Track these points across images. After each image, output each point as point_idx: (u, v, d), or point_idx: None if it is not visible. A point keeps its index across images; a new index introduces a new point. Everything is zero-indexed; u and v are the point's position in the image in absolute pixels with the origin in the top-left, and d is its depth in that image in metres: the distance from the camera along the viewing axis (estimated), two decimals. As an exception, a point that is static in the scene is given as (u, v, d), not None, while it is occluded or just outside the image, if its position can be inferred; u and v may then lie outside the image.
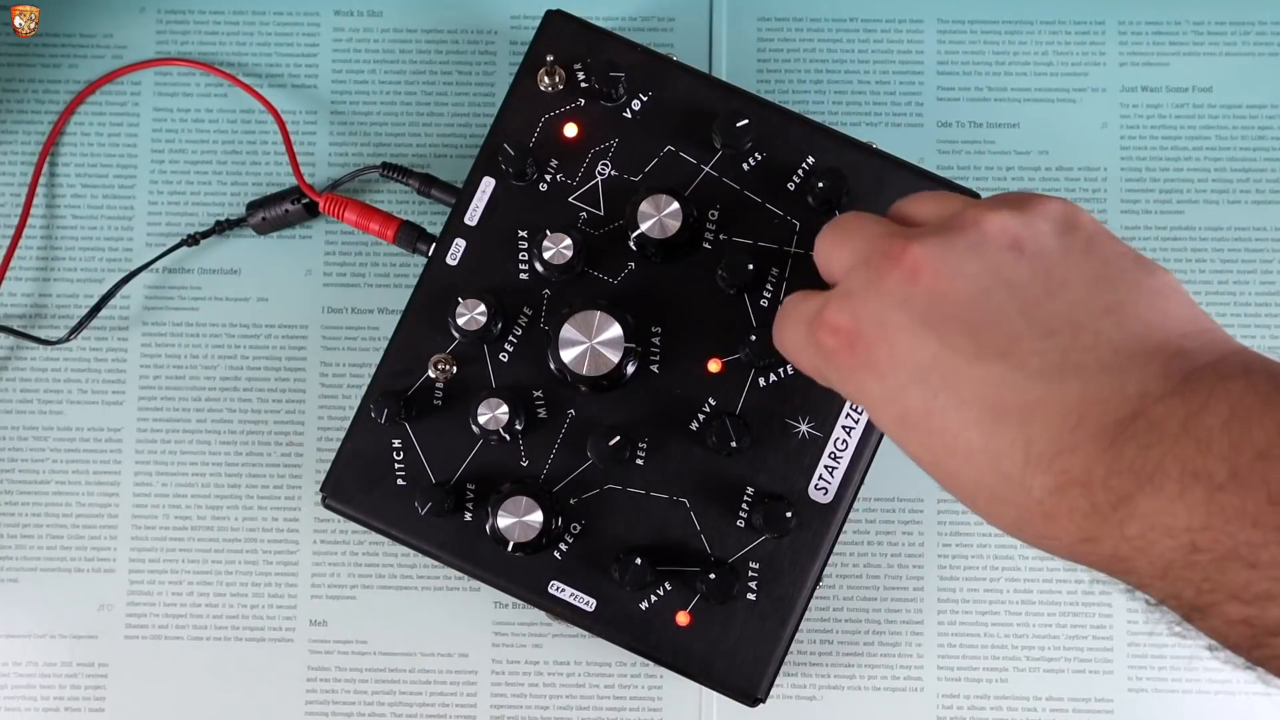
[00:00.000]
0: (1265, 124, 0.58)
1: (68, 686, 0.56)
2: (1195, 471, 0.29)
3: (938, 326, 0.34)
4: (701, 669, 0.49)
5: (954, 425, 0.34)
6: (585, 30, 0.51)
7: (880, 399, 0.36)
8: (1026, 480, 0.32)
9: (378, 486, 0.50)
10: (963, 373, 0.34)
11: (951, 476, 0.35)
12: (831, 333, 0.37)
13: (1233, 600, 0.29)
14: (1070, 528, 0.32)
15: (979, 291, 0.34)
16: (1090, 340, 0.33)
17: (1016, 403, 0.33)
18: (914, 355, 0.35)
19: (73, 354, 0.58)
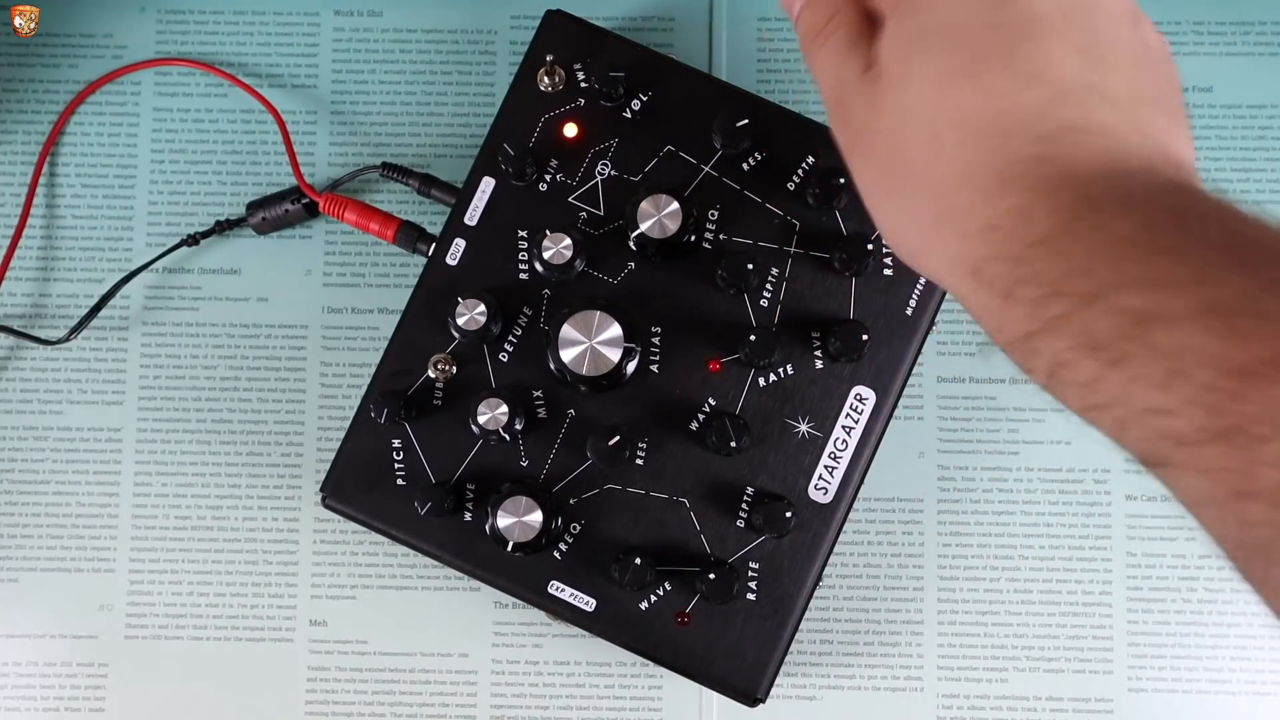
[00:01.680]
0: (1265, 124, 0.58)
1: (68, 686, 0.56)
2: (1172, 206, 0.31)
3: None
4: (701, 669, 0.49)
5: (995, 58, 0.34)
6: (585, 30, 0.51)
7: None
8: (1017, 138, 0.33)
9: (378, 486, 0.50)
10: (1041, 33, 0.34)
11: (943, 104, 0.34)
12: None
13: (1136, 287, 0.29)
14: (1014, 195, 0.32)
15: (1087, 6, 0.35)
16: (1146, 113, 0.35)
17: (1063, 82, 0.33)
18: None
19: (73, 354, 0.58)
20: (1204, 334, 0.28)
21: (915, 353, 0.50)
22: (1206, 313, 0.28)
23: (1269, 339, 0.27)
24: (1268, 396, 0.27)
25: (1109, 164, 0.32)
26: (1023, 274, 0.31)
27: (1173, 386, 0.28)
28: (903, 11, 0.35)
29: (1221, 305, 0.28)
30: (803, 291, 0.50)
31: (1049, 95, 0.33)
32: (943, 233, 0.34)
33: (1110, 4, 0.36)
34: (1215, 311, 0.28)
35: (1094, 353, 0.30)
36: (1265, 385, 0.27)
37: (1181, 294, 0.29)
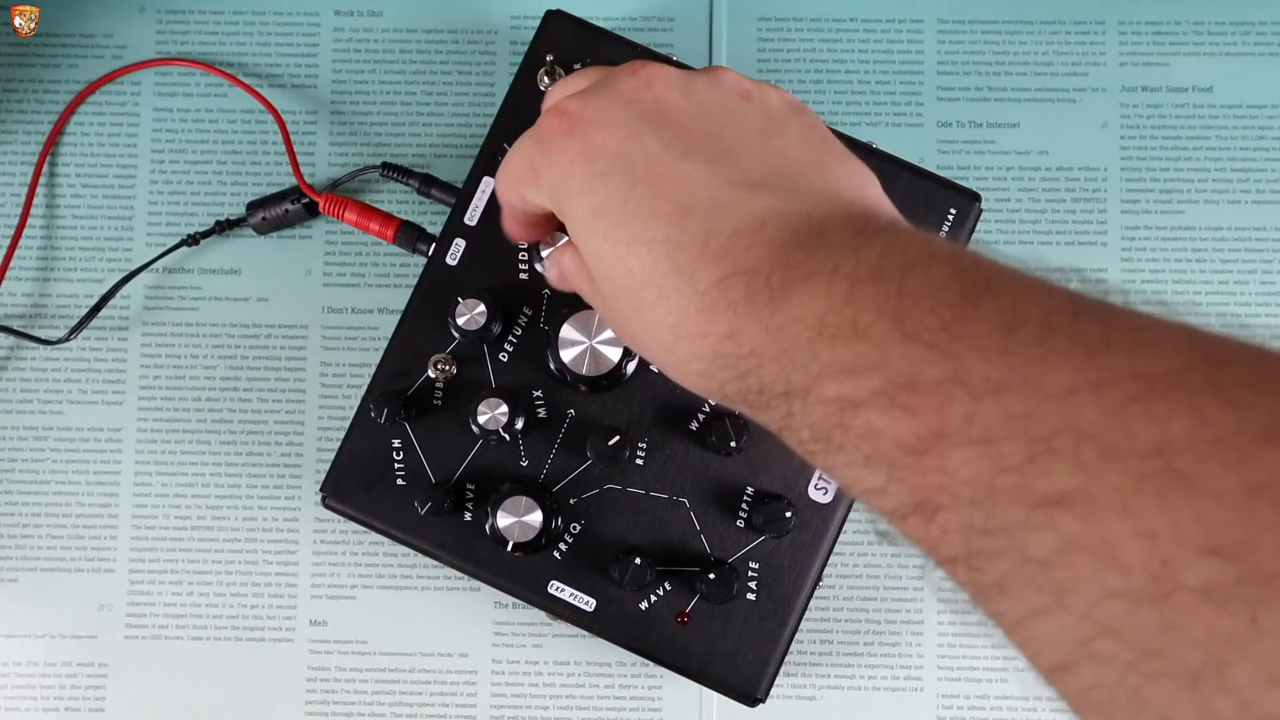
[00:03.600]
0: (1265, 124, 0.58)
1: (68, 686, 0.56)
2: (846, 273, 0.31)
3: (656, 125, 0.36)
4: (701, 669, 0.49)
5: (644, 215, 0.35)
6: (585, 30, 0.51)
7: (581, 186, 0.36)
8: (697, 272, 0.34)
9: (378, 486, 0.50)
10: (668, 167, 0.35)
11: (627, 273, 0.35)
12: (558, 115, 0.37)
13: (833, 376, 0.31)
14: (720, 322, 0.33)
15: (705, 110, 0.37)
16: (792, 174, 0.36)
17: (709, 200, 0.35)
18: (626, 146, 0.36)
19: (73, 354, 0.58)
20: (883, 415, 0.29)
21: None
22: (884, 393, 0.29)
23: (935, 410, 0.28)
24: (939, 469, 0.28)
25: (783, 247, 0.33)
26: (752, 384, 0.33)
27: (877, 467, 0.30)
28: (565, 219, 0.37)
29: (896, 381, 0.29)
30: (803, 291, 0.50)
31: (703, 217, 0.34)
32: (689, 380, 0.36)
33: (718, 95, 0.37)
34: (891, 390, 0.29)
35: (817, 441, 0.32)
36: (936, 458, 0.28)
37: (866, 375, 0.30)
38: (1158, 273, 0.57)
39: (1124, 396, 0.26)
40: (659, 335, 0.35)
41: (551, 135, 0.37)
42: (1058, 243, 0.58)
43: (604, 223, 0.36)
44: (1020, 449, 0.27)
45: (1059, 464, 0.26)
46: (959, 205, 0.50)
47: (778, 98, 0.38)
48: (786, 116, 0.38)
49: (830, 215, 0.34)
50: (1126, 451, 0.25)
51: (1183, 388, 0.25)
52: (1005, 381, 0.27)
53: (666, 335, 0.35)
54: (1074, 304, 0.29)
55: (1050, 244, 0.58)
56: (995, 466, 0.27)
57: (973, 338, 0.28)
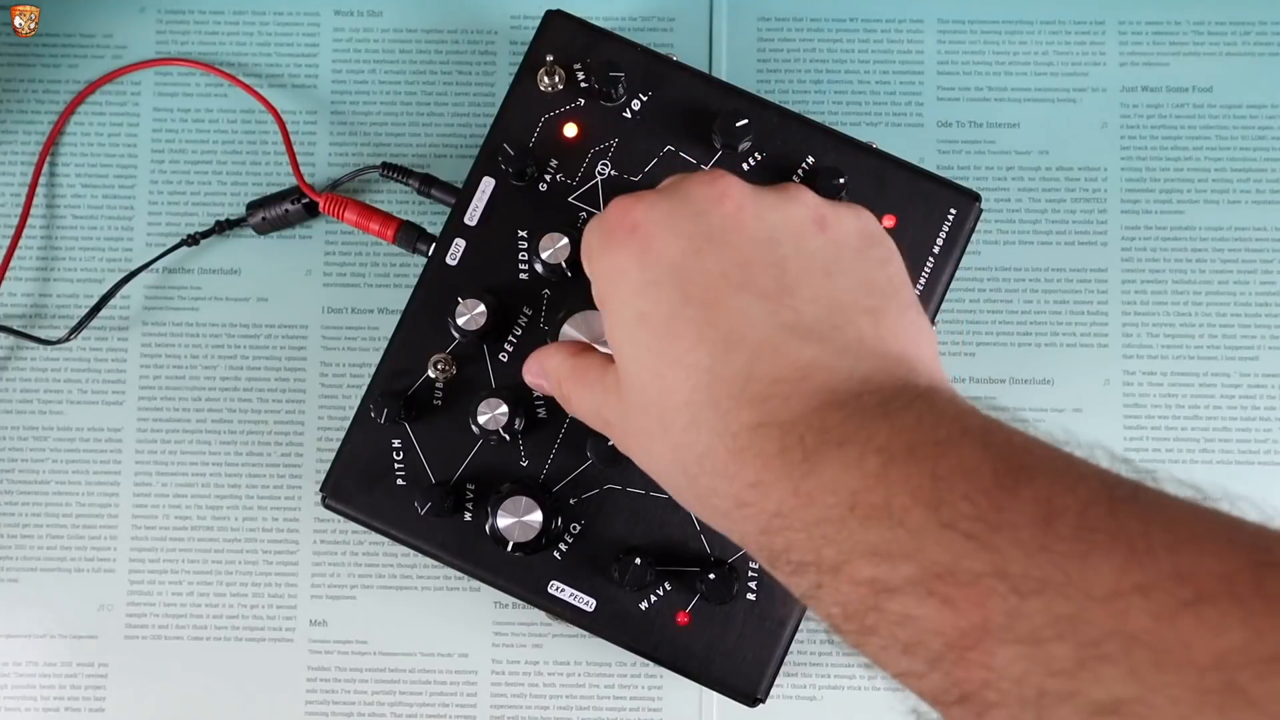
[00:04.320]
0: (1265, 124, 0.58)
1: (68, 686, 0.56)
2: (879, 446, 0.31)
3: (720, 247, 0.35)
4: (701, 669, 0.49)
5: (690, 337, 0.34)
6: (585, 30, 0.51)
7: (633, 289, 0.36)
8: (733, 411, 0.33)
9: (378, 486, 0.50)
10: (722, 294, 0.35)
11: (663, 391, 0.35)
12: (624, 210, 0.37)
13: (867, 557, 0.30)
14: (749, 469, 0.33)
15: (770, 238, 0.36)
16: (845, 322, 0.35)
17: (757, 339, 0.34)
18: (685, 261, 0.35)
19: (73, 354, 0.58)
20: (921, 604, 0.29)
21: None
22: (920, 582, 0.29)
23: (976, 605, 0.28)
24: (984, 664, 0.27)
25: (821, 406, 0.33)
26: (777, 545, 0.32)
27: (915, 654, 0.29)
28: (606, 316, 0.37)
29: (933, 571, 0.28)
30: (803, 291, 0.50)
31: (748, 355, 0.34)
32: (707, 514, 0.35)
33: (790, 223, 0.36)
34: (928, 579, 0.29)
35: (849, 621, 0.31)
36: (980, 654, 0.27)
37: (902, 562, 0.29)
38: (1158, 273, 0.57)
39: (1174, 602, 0.25)
40: (683, 461, 0.34)
41: (614, 227, 0.37)
42: (1058, 243, 0.58)
43: (648, 333, 0.35)
44: (1070, 652, 0.26)
45: (1112, 671, 0.25)
46: (959, 205, 0.50)
47: (855, 225, 0.37)
48: (858, 250, 0.37)
49: (871, 375, 0.33)
50: (1183, 663, 0.25)
51: (1232, 595, 0.25)
52: (1048, 579, 0.27)
53: (692, 464, 0.34)
54: (1110, 494, 0.28)
55: (1050, 244, 0.58)
56: (1045, 669, 0.26)
57: (1010, 530, 0.28)
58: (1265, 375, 0.57)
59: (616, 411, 0.38)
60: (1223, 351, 0.57)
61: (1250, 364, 0.57)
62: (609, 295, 0.37)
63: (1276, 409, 0.57)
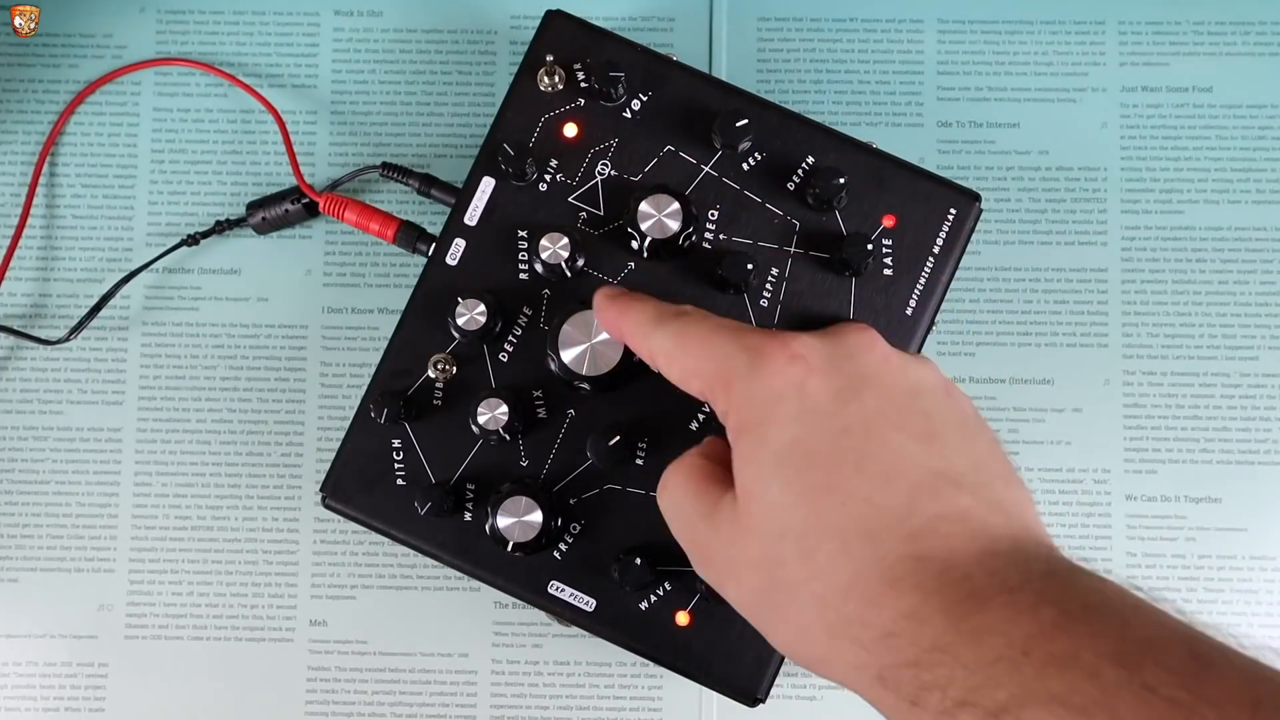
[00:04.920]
0: (1265, 124, 0.58)
1: (68, 686, 0.56)
2: (1054, 600, 0.31)
3: (875, 388, 0.36)
4: (701, 669, 0.49)
5: (848, 467, 0.35)
6: (585, 30, 0.51)
7: (789, 415, 0.36)
8: (889, 542, 0.33)
9: (378, 486, 0.50)
10: (881, 431, 0.36)
11: (806, 517, 0.35)
12: (783, 343, 0.37)
13: (1047, 705, 0.29)
14: (905, 600, 0.33)
15: (915, 389, 0.37)
16: (987, 480, 0.37)
17: (915, 478, 0.34)
18: (844, 396, 0.36)
19: (73, 354, 0.58)
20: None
21: (915, 353, 0.50)
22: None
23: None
24: None
25: (982, 551, 0.33)
26: (927, 680, 0.32)
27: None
28: (749, 440, 0.36)
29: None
30: (803, 292, 0.50)
31: (907, 491, 0.34)
32: (838, 643, 0.34)
33: (927, 381, 0.37)
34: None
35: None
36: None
37: (1089, 714, 0.29)
38: (1158, 273, 0.57)
39: None
40: (824, 591, 0.34)
41: (771, 353, 0.37)
42: (1058, 243, 0.58)
43: (801, 459, 0.35)
44: None
45: None
46: (959, 205, 0.50)
47: (970, 404, 0.39)
48: (979, 423, 0.38)
49: (1020, 536, 0.34)
50: None
51: None
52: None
53: (834, 593, 0.34)
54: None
55: (1050, 244, 0.58)
56: None
57: (1215, 707, 0.28)
58: (1265, 375, 0.57)
59: (719, 536, 0.38)
60: (1223, 351, 0.57)
61: (1250, 364, 0.57)
62: (759, 420, 0.36)
63: (1276, 409, 0.57)
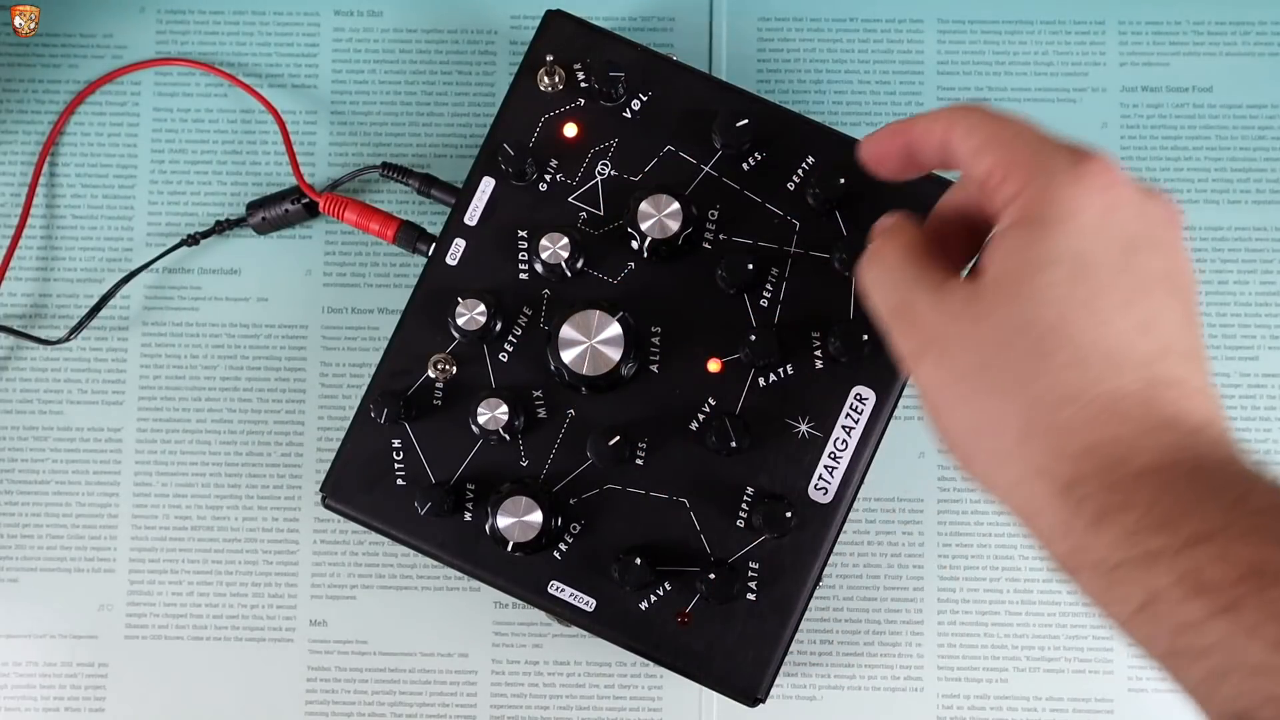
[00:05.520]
0: (1265, 124, 0.58)
1: (68, 686, 0.56)
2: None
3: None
4: (701, 669, 0.49)
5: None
6: (585, 30, 0.51)
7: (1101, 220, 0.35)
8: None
9: (378, 486, 0.50)
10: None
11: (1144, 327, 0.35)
12: (1113, 180, 0.36)
13: (1250, 535, 0.30)
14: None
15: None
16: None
17: (1186, 355, 0.35)
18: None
19: (73, 354, 0.58)
20: None
21: None
22: None
23: None
24: None
25: (1207, 419, 0.34)
26: (1121, 501, 0.32)
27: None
28: (1034, 232, 0.35)
29: None
30: (803, 291, 0.50)
31: (1157, 348, 0.34)
32: (1029, 446, 0.34)
33: (1193, 281, 0.37)
34: None
35: (1200, 595, 0.30)
36: None
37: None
38: (1158, 273, 0.57)
39: None
40: (1043, 392, 0.34)
41: (1097, 168, 0.36)
42: (1058, 243, 0.57)
43: (1073, 268, 0.34)
44: None
45: None
46: (959, 205, 0.50)
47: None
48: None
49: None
50: None
51: None
52: None
53: (1053, 398, 0.34)
54: None
55: (1050, 244, 0.57)
56: None
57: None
58: (1265, 375, 0.57)
59: (943, 308, 0.37)
60: (1223, 351, 0.57)
61: (1250, 364, 0.57)
62: (1054, 217, 0.35)
63: (1276, 409, 0.57)
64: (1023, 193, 0.35)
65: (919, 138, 0.40)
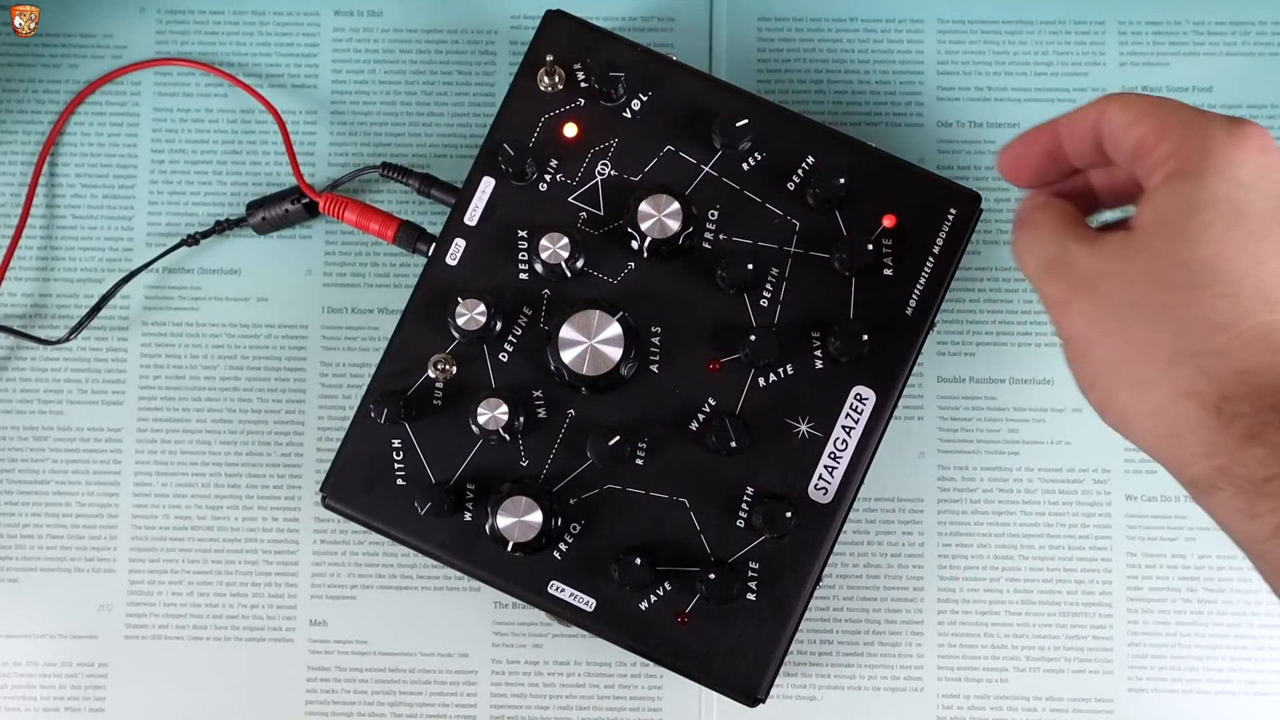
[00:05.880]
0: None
1: (68, 686, 0.56)
2: None
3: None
4: (701, 669, 0.49)
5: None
6: (585, 30, 0.51)
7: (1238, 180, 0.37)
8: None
9: (378, 486, 0.50)
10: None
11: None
12: (1268, 144, 0.37)
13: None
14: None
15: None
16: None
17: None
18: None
19: (73, 354, 0.58)
20: None
21: (915, 353, 0.50)
22: None
23: None
24: None
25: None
26: (1274, 420, 0.33)
27: None
28: (1188, 184, 0.37)
29: None
30: (803, 291, 0.50)
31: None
32: (1181, 368, 0.36)
33: None
34: None
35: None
36: None
37: None
38: (1158, 273, 0.57)
39: None
40: (1196, 320, 0.35)
41: (1253, 133, 0.37)
42: (1058, 243, 0.57)
43: (1228, 215, 0.36)
44: None
45: None
46: (959, 205, 0.50)
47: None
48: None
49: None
50: None
51: None
52: None
53: (1206, 325, 0.35)
54: None
55: (1050, 244, 0.57)
56: None
57: None
58: (1265, 375, 0.57)
59: (1096, 253, 0.39)
60: (1223, 351, 0.57)
61: (1250, 364, 0.57)
62: (1211, 170, 0.37)
63: (1276, 409, 0.57)
64: (1178, 150, 0.37)
65: (1068, 129, 0.41)
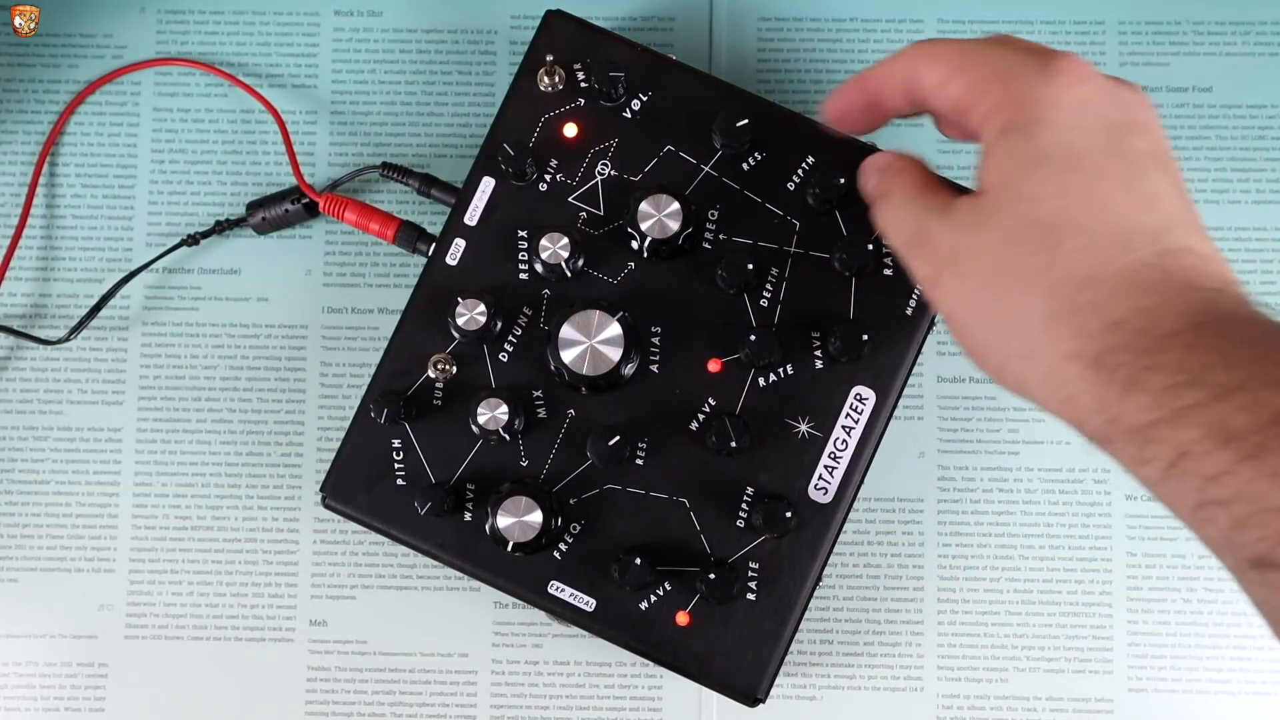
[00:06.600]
0: (1265, 124, 0.58)
1: (68, 686, 0.56)
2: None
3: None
4: (701, 669, 0.49)
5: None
6: (585, 30, 0.51)
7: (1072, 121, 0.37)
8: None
9: (378, 486, 0.50)
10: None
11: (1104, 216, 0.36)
12: (1083, 75, 0.37)
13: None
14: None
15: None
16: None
17: (1188, 224, 0.36)
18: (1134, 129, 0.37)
19: (73, 354, 0.58)
20: None
21: (915, 353, 0.50)
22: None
23: None
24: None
25: (1225, 280, 0.35)
26: (1151, 364, 0.33)
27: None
28: (1017, 137, 0.37)
29: None
30: (803, 291, 0.50)
31: (1162, 221, 0.36)
32: (1055, 331, 0.35)
33: (1176, 160, 0.38)
34: None
35: (1227, 444, 0.31)
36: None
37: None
38: (1158, 273, 0.57)
39: None
40: (1059, 280, 0.35)
41: (1063, 67, 0.37)
42: (1058, 243, 0.57)
43: (1063, 160, 0.36)
44: None
45: None
46: (959, 205, 0.50)
47: None
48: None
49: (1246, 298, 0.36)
50: None
51: None
52: None
53: (1070, 283, 0.35)
54: None
55: (1050, 244, 0.57)
56: None
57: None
58: (1265, 375, 0.57)
59: (952, 226, 0.38)
60: (1223, 351, 0.57)
61: (1250, 364, 0.57)
62: (1034, 119, 0.37)
63: (1276, 409, 0.57)
64: (1000, 105, 0.37)
65: (881, 83, 0.41)
